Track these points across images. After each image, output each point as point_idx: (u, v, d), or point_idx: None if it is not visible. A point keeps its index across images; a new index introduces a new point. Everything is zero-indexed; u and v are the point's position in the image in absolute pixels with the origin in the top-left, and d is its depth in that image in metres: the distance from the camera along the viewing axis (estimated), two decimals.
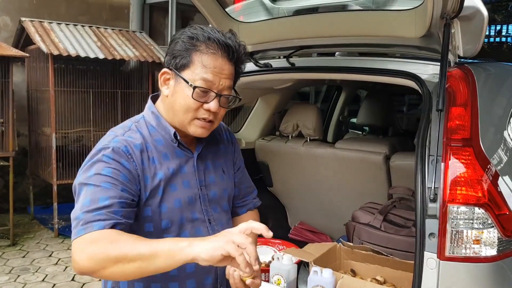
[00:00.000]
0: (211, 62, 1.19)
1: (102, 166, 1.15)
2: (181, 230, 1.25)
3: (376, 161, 2.43)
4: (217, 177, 1.36)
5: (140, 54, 4.87)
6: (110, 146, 1.19)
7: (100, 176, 1.14)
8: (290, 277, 1.96)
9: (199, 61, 1.19)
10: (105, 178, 1.13)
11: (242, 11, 2.13)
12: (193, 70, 1.19)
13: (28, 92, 5.02)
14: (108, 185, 1.12)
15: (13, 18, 5.16)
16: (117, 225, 1.10)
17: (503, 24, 8.78)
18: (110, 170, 1.15)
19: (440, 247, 1.38)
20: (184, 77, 1.20)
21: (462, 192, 1.39)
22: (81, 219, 1.09)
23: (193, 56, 1.19)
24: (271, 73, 2.24)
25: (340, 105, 4.13)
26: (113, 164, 1.16)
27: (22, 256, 4.03)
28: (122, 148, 1.18)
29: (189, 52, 1.20)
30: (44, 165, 4.74)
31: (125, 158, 1.18)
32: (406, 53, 2.05)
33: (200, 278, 1.28)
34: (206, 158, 1.35)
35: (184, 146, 1.29)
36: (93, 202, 1.10)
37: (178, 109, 1.23)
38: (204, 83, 1.19)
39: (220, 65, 1.20)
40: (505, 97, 1.89)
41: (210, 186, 1.33)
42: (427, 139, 1.51)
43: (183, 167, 1.28)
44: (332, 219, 2.72)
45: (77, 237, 1.08)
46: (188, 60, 1.19)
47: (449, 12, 1.53)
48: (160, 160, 1.24)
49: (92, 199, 1.11)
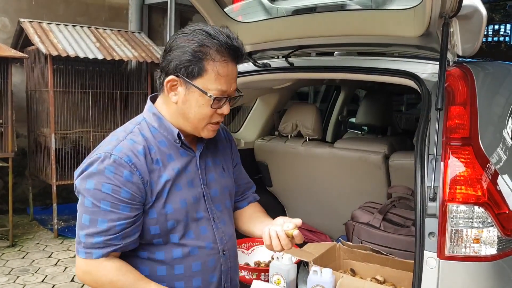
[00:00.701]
0: (224, 70, 1.21)
1: (102, 181, 1.16)
2: (186, 229, 1.26)
3: (375, 161, 2.43)
4: (217, 175, 1.37)
5: (139, 54, 4.87)
6: (112, 156, 1.18)
7: (99, 193, 1.16)
8: (290, 276, 1.95)
9: (213, 70, 1.20)
10: (104, 197, 1.16)
11: (240, 11, 2.13)
12: (207, 79, 1.20)
13: (27, 93, 5.02)
14: (107, 207, 1.16)
15: (11, 19, 5.15)
16: (116, 251, 1.19)
17: (501, 24, 8.77)
18: (110, 187, 1.15)
19: (440, 246, 1.38)
20: (198, 86, 1.21)
21: (461, 191, 1.39)
22: (82, 242, 1.19)
23: (206, 66, 1.19)
24: (270, 73, 2.24)
25: (339, 104, 4.13)
26: (113, 179, 1.16)
27: (22, 257, 4.03)
28: (124, 158, 1.18)
29: (201, 61, 1.19)
30: (43, 166, 4.73)
31: (128, 169, 1.18)
32: (405, 52, 2.05)
33: (206, 276, 1.29)
34: (207, 157, 1.36)
35: (187, 146, 1.30)
36: (92, 224, 1.17)
37: (192, 117, 1.25)
38: (219, 92, 1.21)
39: (231, 70, 1.23)
40: (504, 96, 1.89)
41: (211, 184, 1.34)
42: (426, 138, 1.51)
43: (187, 166, 1.29)
44: (331, 218, 2.72)
45: (79, 256, 1.20)
46: (201, 69, 1.20)
47: (447, 11, 1.53)
48: (164, 162, 1.25)
49: (91, 220, 1.18)
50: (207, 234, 1.30)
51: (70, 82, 4.77)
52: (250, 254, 2.37)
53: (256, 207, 1.55)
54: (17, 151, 4.50)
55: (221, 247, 1.32)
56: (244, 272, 2.13)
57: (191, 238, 1.26)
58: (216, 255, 1.31)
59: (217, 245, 1.31)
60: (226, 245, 1.34)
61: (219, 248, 1.32)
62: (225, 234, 1.34)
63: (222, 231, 1.34)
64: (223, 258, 1.33)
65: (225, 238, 1.34)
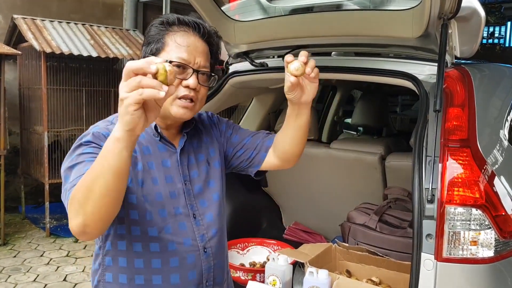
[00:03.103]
0: (184, 40, 1.22)
1: (82, 149, 1.14)
2: (163, 223, 1.24)
3: (371, 162, 2.43)
4: (200, 171, 1.34)
5: (133, 52, 4.84)
6: (90, 132, 1.18)
7: (81, 155, 1.12)
8: (286, 277, 1.95)
9: (172, 41, 1.22)
10: (87, 155, 1.11)
11: (238, 10, 2.12)
12: (168, 52, 1.22)
13: (20, 90, 4.97)
14: (91, 159, 1.07)
15: (5, 15, 5.11)
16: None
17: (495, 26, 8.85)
18: (91, 149, 1.13)
19: (437, 248, 1.37)
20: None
21: (459, 193, 1.39)
22: (67, 188, 1.06)
23: (166, 38, 1.22)
24: (266, 73, 2.22)
25: (335, 105, 4.13)
26: (92, 144, 1.14)
27: (13, 256, 3.99)
28: (102, 132, 1.17)
29: (161, 35, 1.23)
30: (35, 164, 4.69)
31: (105, 141, 1.09)
32: (403, 53, 2.04)
33: (184, 273, 1.26)
34: (189, 153, 1.34)
35: (166, 140, 1.29)
36: (78, 173, 1.06)
37: None
38: (180, 60, 1.21)
39: (193, 42, 1.24)
40: (500, 98, 1.89)
41: (194, 180, 1.32)
42: (424, 139, 1.50)
43: (166, 161, 1.27)
44: (327, 219, 2.71)
45: (67, 202, 1.03)
46: (162, 43, 1.22)
47: (446, 13, 1.53)
48: (141, 153, 1.24)
49: (77, 171, 1.07)
50: (186, 231, 1.27)
51: (63, 79, 4.74)
52: (245, 255, 2.36)
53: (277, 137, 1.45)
54: (9, 149, 4.46)
55: (201, 244, 1.29)
56: (239, 272, 2.11)
57: (169, 233, 1.24)
58: (196, 253, 1.28)
59: (197, 242, 1.28)
60: (208, 242, 1.30)
61: (199, 246, 1.29)
62: (208, 231, 1.31)
63: (205, 228, 1.30)
64: (204, 256, 1.30)
65: (208, 235, 1.31)
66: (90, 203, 0.97)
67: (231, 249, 2.34)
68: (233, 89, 2.36)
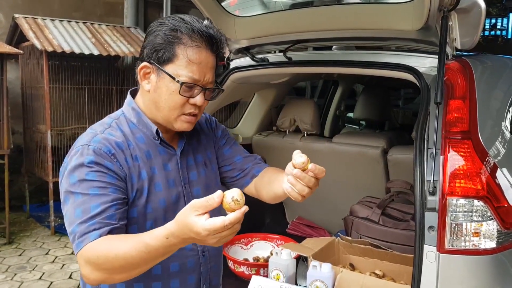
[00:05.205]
0: (196, 56, 1.16)
1: (85, 171, 1.11)
2: None
3: (373, 155, 2.43)
4: (199, 173, 1.34)
5: (135, 50, 4.84)
6: (90, 147, 1.14)
7: (85, 182, 1.10)
8: (289, 271, 1.95)
9: (183, 55, 1.15)
10: (91, 184, 1.10)
11: (238, 5, 2.11)
12: (178, 65, 1.16)
13: (22, 89, 4.99)
14: (96, 191, 1.09)
15: (6, 14, 5.11)
16: (113, 231, 1.08)
17: (497, 18, 8.80)
18: (95, 174, 1.11)
19: (440, 240, 1.38)
20: (168, 71, 1.16)
21: (461, 184, 1.39)
22: (77, 231, 1.08)
23: (176, 50, 1.15)
24: (267, 68, 2.22)
25: (336, 99, 4.12)
26: (95, 167, 1.11)
27: (19, 255, 4.01)
28: (103, 149, 1.14)
29: (172, 45, 1.15)
30: (39, 163, 4.71)
31: (108, 159, 1.13)
32: (403, 46, 2.04)
33: (184, 277, 1.27)
34: (188, 154, 1.33)
35: (166, 143, 1.27)
36: (85, 212, 1.08)
37: (163, 105, 1.19)
38: (190, 79, 1.16)
39: (205, 58, 1.17)
40: (502, 89, 1.88)
41: (193, 183, 1.31)
42: (425, 132, 1.50)
43: (166, 165, 1.26)
44: (330, 213, 2.71)
45: (77, 252, 1.07)
46: (172, 54, 1.16)
47: (446, 5, 1.52)
48: (143, 159, 1.21)
49: (83, 210, 1.08)
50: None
51: (65, 78, 4.75)
52: (249, 250, 2.37)
53: (266, 172, 1.43)
54: (12, 148, 4.48)
55: (200, 248, 1.29)
56: (243, 267, 2.12)
57: None
58: (196, 257, 1.29)
59: (196, 246, 1.28)
60: (206, 246, 1.29)
61: (199, 250, 1.29)
62: None
63: None
64: (202, 259, 1.31)
65: None
66: (123, 275, 1.04)
67: (235, 244, 2.35)
68: (235, 85, 2.36)
